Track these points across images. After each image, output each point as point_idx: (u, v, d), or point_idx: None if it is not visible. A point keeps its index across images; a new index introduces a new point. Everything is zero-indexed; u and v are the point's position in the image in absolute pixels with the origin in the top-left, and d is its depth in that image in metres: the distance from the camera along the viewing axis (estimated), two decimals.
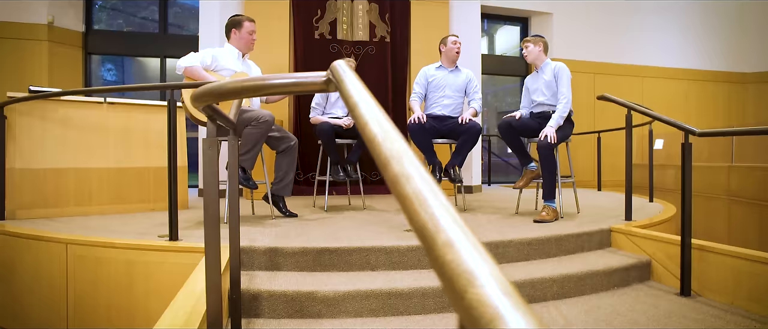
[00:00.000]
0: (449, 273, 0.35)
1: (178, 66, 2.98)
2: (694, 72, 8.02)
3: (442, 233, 0.39)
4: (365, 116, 0.58)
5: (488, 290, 0.31)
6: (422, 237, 0.41)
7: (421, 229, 0.40)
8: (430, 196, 0.42)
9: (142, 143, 3.74)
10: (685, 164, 2.41)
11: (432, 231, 0.39)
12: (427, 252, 0.40)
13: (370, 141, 0.54)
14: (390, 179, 0.48)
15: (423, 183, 0.44)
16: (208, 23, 5.06)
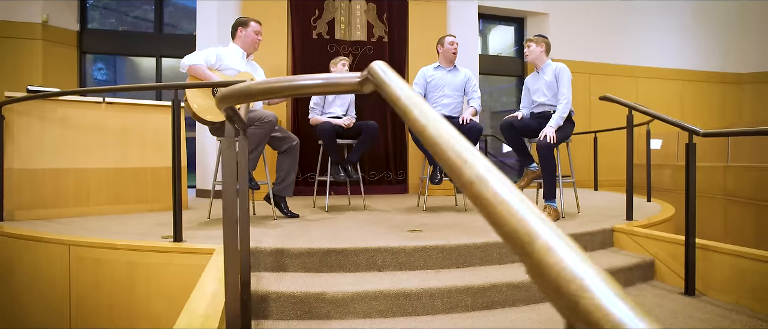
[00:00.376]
0: (556, 281, 0.34)
1: (182, 64, 2.96)
2: (689, 72, 8.09)
3: (540, 240, 0.38)
4: (423, 121, 0.58)
5: (600, 295, 0.31)
6: (518, 244, 0.40)
7: (515, 235, 0.40)
8: (519, 204, 0.42)
9: (139, 143, 3.70)
10: (689, 165, 2.42)
11: (532, 239, 0.38)
12: (525, 258, 0.39)
13: (433, 145, 0.53)
14: (466, 183, 0.47)
15: (506, 188, 0.43)
16: (205, 23, 5.02)
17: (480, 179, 0.45)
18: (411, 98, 0.64)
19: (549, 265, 0.34)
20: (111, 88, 4.68)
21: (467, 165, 0.47)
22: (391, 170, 5.47)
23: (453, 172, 0.50)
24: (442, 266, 2.44)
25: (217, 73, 3.07)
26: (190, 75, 2.98)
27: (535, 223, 0.39)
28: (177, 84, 2.52)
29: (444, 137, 0.53)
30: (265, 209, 3.69)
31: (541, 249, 0.36)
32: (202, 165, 5.01)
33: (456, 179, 0.50)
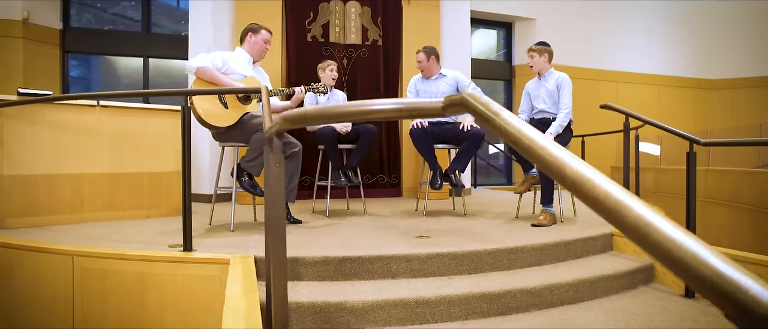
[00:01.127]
0: (713, 279, 0.39)
1: (189, 67, 2.90)
2: (665, 78, 8.37)
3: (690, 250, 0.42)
4: (543, 151, 0.59)
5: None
6: (668, 259, 0.43)
7: (681, 262, 0.43)
8: (681, 235, 0.44)
9: (135, 148, 3.62)
10: (690, 172, 2.52)
11: (686, 253, 0.42)
12: (670, 263, 0.43)
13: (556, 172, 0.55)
14: (598, 199, 0.49)
15: (655, 216, 0.46)
16: (198, 25, 4.93)
17: (620, 203, 0.48)
18: (522, 126, 0.65)
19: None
20: (119, 93, 4.55)
21: (611, 197, 0.50)
22: (385, 174, 5.48)
23: (588, 197, 0.52)
24: (455, 272, 2.47)
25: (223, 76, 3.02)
26: (198, 78, 2.93)
27: (702, 250, 0.42)
28: (188, 90, 2.48)
29: (577, 169, 0.55)
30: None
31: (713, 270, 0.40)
32: (195, 168, 4.91)
33: (592, 203, 0.52)
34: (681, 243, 0.43)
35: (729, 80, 8.58)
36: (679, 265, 0.43)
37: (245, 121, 2.99)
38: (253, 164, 3.02)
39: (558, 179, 0.59)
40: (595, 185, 0.52)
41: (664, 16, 8.43)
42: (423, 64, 3.90)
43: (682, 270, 0.42)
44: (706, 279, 0.41)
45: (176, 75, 6.47)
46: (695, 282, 0.42)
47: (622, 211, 0.48)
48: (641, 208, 0.47)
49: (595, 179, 0.52)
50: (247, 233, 2.97)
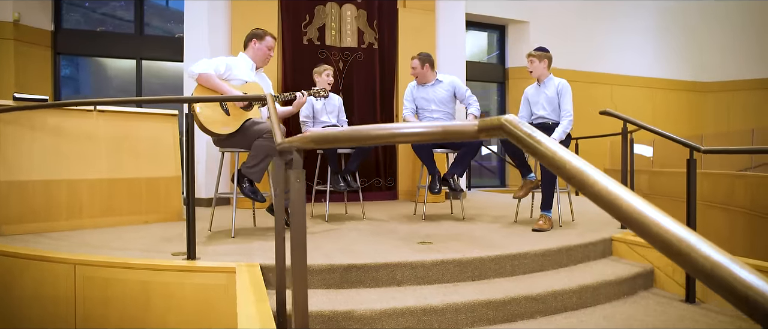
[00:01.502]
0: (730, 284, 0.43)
1: (191, 72, 2.88)
2: (659, 81, 8.48)
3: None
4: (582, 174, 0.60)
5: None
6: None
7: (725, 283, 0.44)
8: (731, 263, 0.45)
9: (133, 153, 3.58)
10: (690, 179, 2.56)
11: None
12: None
13: (608, 204, 0.56)
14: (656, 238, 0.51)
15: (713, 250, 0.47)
16: (194, 26, 4.89)
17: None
18: (568, 155, 0.66)
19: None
20: (121, 100, 4.48)
21: (683, 243, 0.51)
22: (381, 177, 5.48)
23: (655, 239, 0.53)
24: (459, 279, 2.48)
25: (225, 83, 3.00)
26: (199, 84, 2.91)
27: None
28: (190, 98, 2.46)
29: (620, 193, 0.56)
30: (266, 220, 3.64)
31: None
32: None
33: (657, 244, 0.53)
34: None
35: (723, 83, 8.71)
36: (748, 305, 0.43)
37: (247, 127, 2.98)
38: (254, 170, 3.01)
39: (611, 212, 0.60)
40: (662, 227, 0.53)
41: (658, 19, 8.54)
42: (417, 71, 3.91)
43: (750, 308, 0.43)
44: None
45: (170, 77, 6.41)
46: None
47: (692, 252, 0.48)
48: (714, 252, 0.48)
49: (662, 222, 0.53)
50: (248, 240, 2.95)
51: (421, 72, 3.92)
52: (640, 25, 8.42)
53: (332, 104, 4.10)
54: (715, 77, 8.76)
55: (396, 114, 5.55)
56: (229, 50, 4.96)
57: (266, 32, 3.26)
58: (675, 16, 8.66)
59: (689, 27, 8.74)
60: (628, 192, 0.57)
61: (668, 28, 8.64)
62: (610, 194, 0.58)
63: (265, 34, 3.24)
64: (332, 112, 4.07)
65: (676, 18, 8.67)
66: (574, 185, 0.66)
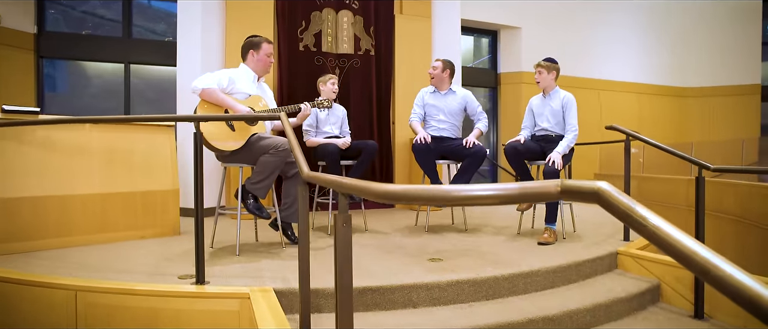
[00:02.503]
0: None
1: (195, 87, 2.79)
2: (645, 86, 8.62)
3: None
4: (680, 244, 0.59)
5: None
6: None
7: None
8: None
9: (127, 166, 3.46)
10: (699, 197, 2.58)
11: None
12: None
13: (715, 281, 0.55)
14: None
15: None
16: (187, 31, 4.76)
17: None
18: (671, 229, 0.64)
19: None
20: (114, 118, 4.31)
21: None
22: None
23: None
24: (474, 299, 2.46)
25: (228, 97, 2.92)
26: (202, 99, 2.82)
27: None
28: (198, 116, 2.37)
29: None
30: (269, 235, 3.56)
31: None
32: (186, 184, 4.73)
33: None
34: None
35: (705, 88, 8.91)
36: None
37: (253, 142, 2.90)
38: (259, 186, 2.93)
39: (731, 296, 0.57)
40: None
41: (644, 25, 8.68)
42: (436, 72, 3.90)
43: None
44: None
45: (160, 82, 6.24)
46: None
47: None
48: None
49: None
50: (255, 258, 2.88)
51: (439, 76, 3.91)
52: (627, 31, 8.55)
53: (336, 115, 4.04)
54: (696, 83, 8.96)
55: (393, 121, 5.51)
56: (224, 56, 4.85)
57: (262, 39, 3.16)
58: (659, 22, 8.82)
59: (675, 33, 8.91)
60: (749, 278, 0.55)
61: (653, 34, 8.79)
62: (730, 278, 0.55)
63: (261, 42, 3.15)
64: (335, 123, 4.01)
65: (663, 24, 8.83)
66: (682, 262, 0.63)
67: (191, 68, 4.68)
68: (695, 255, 0.63)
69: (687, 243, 0.62)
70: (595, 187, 0.73)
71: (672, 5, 8.88)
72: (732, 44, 8.90)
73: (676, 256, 0.62)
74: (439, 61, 3.97)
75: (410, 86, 5.48)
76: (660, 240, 0.66)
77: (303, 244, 1.78)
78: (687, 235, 0.63)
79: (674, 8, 8.89)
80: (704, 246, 0.61)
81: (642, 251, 3.09)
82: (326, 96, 3.86)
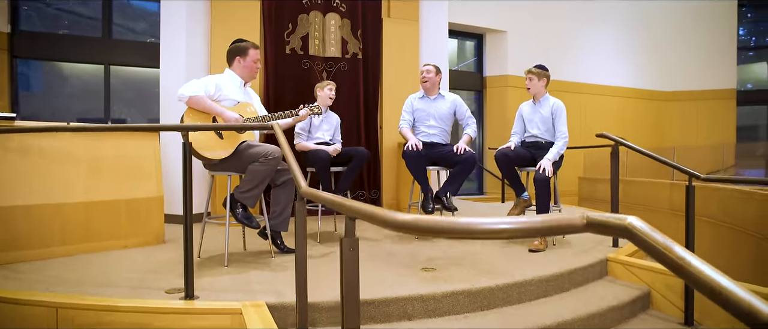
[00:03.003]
0: None
1: (181, 95, 2.70)
2: (627, 90, 8.76)
3: None
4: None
5: None
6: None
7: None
8: None
9: (112, 172, 3.35)
10: (689, 205, 2.60)
11: None
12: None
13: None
14: None
15: None
16: (171, 32, 4.64)
17: None
18: (699, 263, 0.62)
19: None
20: (103, 127, 4.17)
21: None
22: (365, 189, 5.39)
23: None
24: (469, 310, 2.44)
25: (217, 104, 2.84)
26: (189, 107, 2.73)
27: None
28: (189, 126, 2.30)
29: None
30: (257, 243, 3.49)
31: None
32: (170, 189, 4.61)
33: None
34: None
35: (684, 92, 9.11)
36: None
37: (242, 151, 2.83)
38: (248, 195, 2.86)
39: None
40: None
41: (627, 30, 8.83)
42: (431, 75, 3.90)
43: None
44: None
45: (140, 83, 6.09)
46: None
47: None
48: None
49: None
50: (244, 269, 2.81)
51: (434, 79, 3.92)
52: (610, 35, 8.68)
53: (329, 122, 3.99)
54: (676, 87, 9.15)
55: (380, 125, 5.48)
56: (209, 58, 4.74)
57: (248, 44, 3.08)
58: (643, 28, 8.98)
59: (655, 38, 9.09)
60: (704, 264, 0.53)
61: (635, 39, 8.94)
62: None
63: (248, 47, 3.07)
64: (328, 130, 3.96)
65: (644, 29, 8.99)
66: (730, 310, 0.61)
67: (175, 71, 4.57)
68: (750, 306, 0.61)
69: (736, 291, 0.60)
70: (625, 223, 0.70)
71: (653, 11, 9.05)
72: (709, 50, 9.11)
73: (723, 303, 0.60)
74: (432, 66, 3.96)
75: (398, 89, 5.45)
76: (702, 284, 0.64)
77: (300, 260, 1.72)
78: (733, 281, 0.61)
79: (655, 14, 9.06)
80: (758, 298, 0.58)
81: (631, 258, 3.12)
82: (322, 102, 3.85)
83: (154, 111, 5.94)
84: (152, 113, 6.05)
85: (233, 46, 3.09)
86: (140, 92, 6.14)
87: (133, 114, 6.28)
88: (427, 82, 3.93)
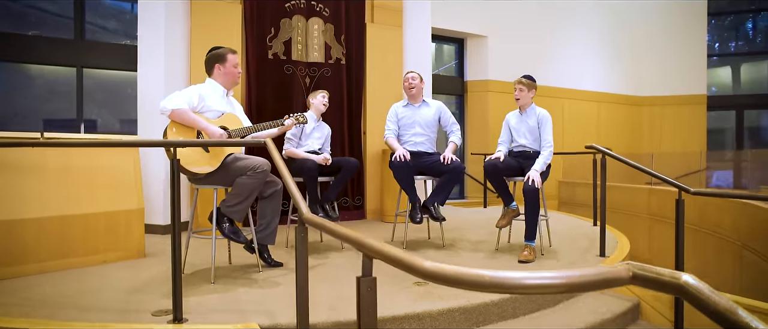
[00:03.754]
0: None
1: (164, 109, 2.59)
2: (604, 95, 8.94)
3: None
4: None
5: None
6: None
7: None
8: None
9: (87, 184, 3.19)
10: (678, 218, 2.64)
11: None
12: None
13: None
14: None
15: None
16: (150, 34, 4.47)
17: None
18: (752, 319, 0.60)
19: None
20: (82, 141, 3.97)
21: None
22: (348, 196, 5.33)
23: None
24: (465, 327, 2.42)
25: (199, 116, 2.73)
26: (172, 120, 2.62)
27: None
28: (176, 141, 2.20)
29: None
30: (243, 256, 3.39)
31: None
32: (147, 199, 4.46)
33: None
34: None
35: (657, 98, 9.36)
36: None
37: (229, 164, 2.74)
38: (236, 209, 2.77)
39: None
40: None
41: (603, 36, 9.02)
42: (417, 82, 3.89)
43: None
44: None
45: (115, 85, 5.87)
46: None
47: None
48: None
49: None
50: (231, 286, 2.71)
51: (420, 87, 3.92)
52: (589, 42, 8.85)
53: (321, 131, 3.93)
54: (648, 92, 9.41)
55: (364, 131, 5.42)
56: (189, 61, 4.60)
57: (226, 50, 2.96)
58: (619, 34, 9.19)
59: (631, 44, 9.31)
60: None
61: (612, 45, 9.15)
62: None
63: (225, 53, 2.95)
64: (319, 139, 3.90)
65: (620, 35, 9.21)
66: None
67: (154, 74, 4.43)
68: None
69: None
70: (680, 281, 0.67)
71: (628, 18, 9.27)
72: (681, 56, 9.39)
73: None
74: (416, 73, 3.95)
75: (382, 96, 5.41)
76: None
77: (301, 288, 1.66)
78: None
79: (630, 20, 9.29)
80: None
81: None
82: (316, 110, 3.81)
83: (127, 112, 5.74)
84: (125, 114, 5.84)
85: (211, 54, 2.97)
86: (112, 92, 5.92)
87: (104, 116, 6.04)
88: (413, 88, 3.90)
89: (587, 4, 8.82)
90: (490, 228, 4.77)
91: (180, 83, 4.50)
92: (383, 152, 5.35)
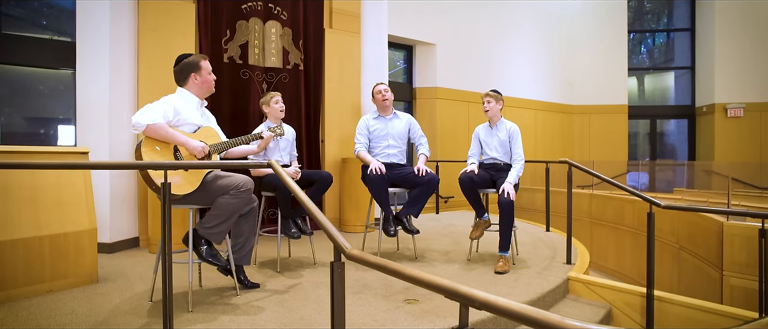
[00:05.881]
0: None
1: (137, 123, 2.32)
2: (541, 103, 9.45)
3: None
4: None
5: None
6: None
7: None
8: None
9: (30, 204, 2.81)
10: (650, 230, 2.83)
11: None
12: None
13: None
14: None
15: None
16: (91, 33, 4.03)
17: None
18: None
19: None
20: (46, 164, 3.44)
21: None
22: None
23: None
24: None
25: (175, 130, 2.50)
26: (147, 136, 2.37)
27: None
28: (165, 163, 1.98)
29: None
30: (215, 276, 3.15)
31: None
32: (99, 217, 3.99)
33: None
34: None
35: (586, 107, 10.06)
36: None
37: (209, 182, 2.52)
38: (215, 230, 2.57)
39: None
40: None
41: (539, 47, 9.53)
42: (389, 94, 3.92)
43: None
44: None
45: (23, 82, 5.21)
46: None
47: None
48: None
49: None
50: (211, 314, 2.50)
51: (391, 99, 3.92)
52: (527, 51, 9.32)
53: (286, 139, 3.74)
54: (578, 101, 10.10)
55: (322, 139, 5.28)
56: (136, 65, 4.21)
57: (198, 57, 2.73)
58: (552, 44, 9.77)
59: (563, 54, 9.94)
60: None
61: (546, 54, 9.70)
62: None
63: (198, 60, 2.72)
64: (285, 148, 3.72)
65: (553, 46, 9.79)
66: None
67: (99, 77, 4.03)
68: None
69: None
70: None
71: (564, 30, 9.89)
72: (606, 67, 10.18)
73: None
74: (387, 86, 3.93)
75: (340, 103, 5.32)
76: None
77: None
78: None
79: (567, 32, 9.91)
80: None
81: (591, 277, 3.32)
82: (274, 116, 3.62)
83: (34, 110, 5.15)
84: (31, 112, 5.20)
85: (184, 63, 2.71)
86: (15, 89, 5.23)
87: (8, 114, 5.36)
88: (386, 101, 3.88)
89: (530, 16, 9.29)
90: (452, 237, 4.85)
91: (128, 87, 4.13)
92: (342, 160, 5.25)
